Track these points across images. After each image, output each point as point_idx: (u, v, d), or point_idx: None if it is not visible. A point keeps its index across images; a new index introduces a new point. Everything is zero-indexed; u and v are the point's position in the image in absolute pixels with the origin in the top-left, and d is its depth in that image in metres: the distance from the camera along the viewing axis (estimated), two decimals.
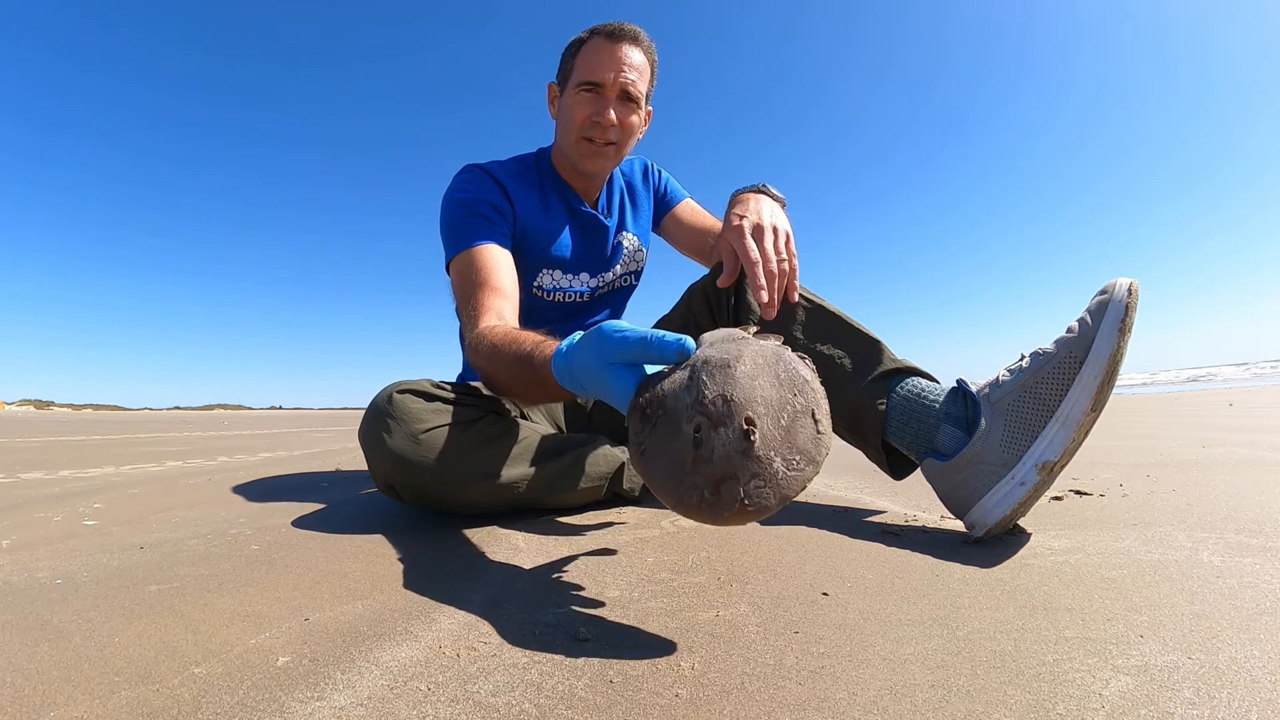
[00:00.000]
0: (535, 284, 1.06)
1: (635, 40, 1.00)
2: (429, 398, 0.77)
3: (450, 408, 0.78)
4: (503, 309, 0.85)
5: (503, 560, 0.63)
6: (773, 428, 0.41)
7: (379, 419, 0.75)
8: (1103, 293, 0.64)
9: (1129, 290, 0.62)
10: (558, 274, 1.08)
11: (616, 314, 1.23)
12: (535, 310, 1.07)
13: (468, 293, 0.88)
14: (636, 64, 0.99)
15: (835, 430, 0.81)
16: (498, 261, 0.93)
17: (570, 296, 1.11)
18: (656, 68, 1.05)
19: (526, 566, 0.61)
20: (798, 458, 0.41)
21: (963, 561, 0.58)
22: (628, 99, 1.00)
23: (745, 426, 0.40)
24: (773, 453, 0.40)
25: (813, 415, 0.43)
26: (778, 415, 0.42)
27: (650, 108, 1.08)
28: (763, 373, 0.43)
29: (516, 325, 0.83)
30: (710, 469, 0.40)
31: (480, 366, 0.77)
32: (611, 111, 0.98)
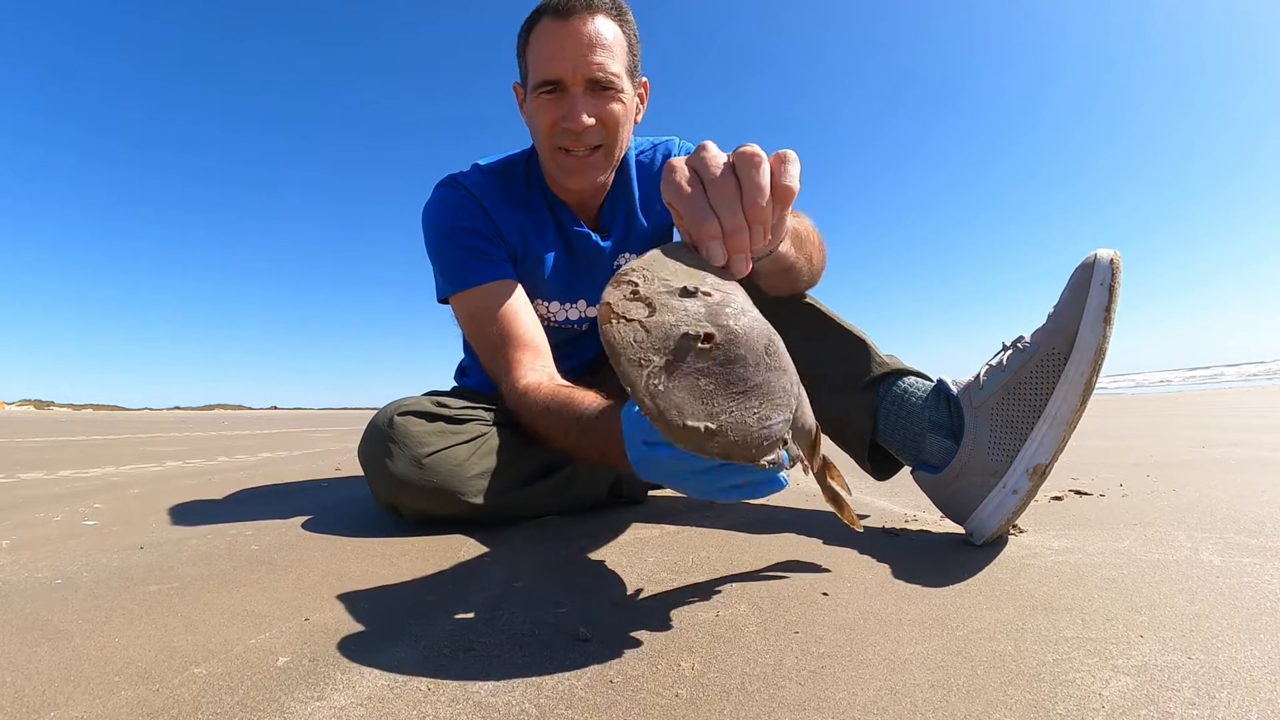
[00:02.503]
0: None
1: (591, 8, 0.79)
2: (430, 418, 0.76)
3: (452, 426, 0.76)
4: (534, 363, 0.78)
5: (503, 560, 0.63)
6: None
7: (380, 443, 0.74)
8: (1082, 271, 0.60)
9: (1111, 269, 0.58)
10: (554, 305, 0.96)
11: None
12: None
13: (493, 344, 0.81)
14: (603, 39, 0.79)
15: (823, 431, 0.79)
16: (513, 305, 0.83)
17: (569, 327, 0.98)
18: (634, 30, 0.84)
19: (526, 566, 0.61)
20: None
21: (963, 562, 0.58)
22: (600, 88, 0.80)
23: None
24: None
25: None
26: None
27: (644, 79, 0.89)
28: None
29: (556, 376, 0.77)
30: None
31: (526, 422, 0.74)
32: (583, 113, 0.80)
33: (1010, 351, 0.64)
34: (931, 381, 0.72)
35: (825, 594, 0.50)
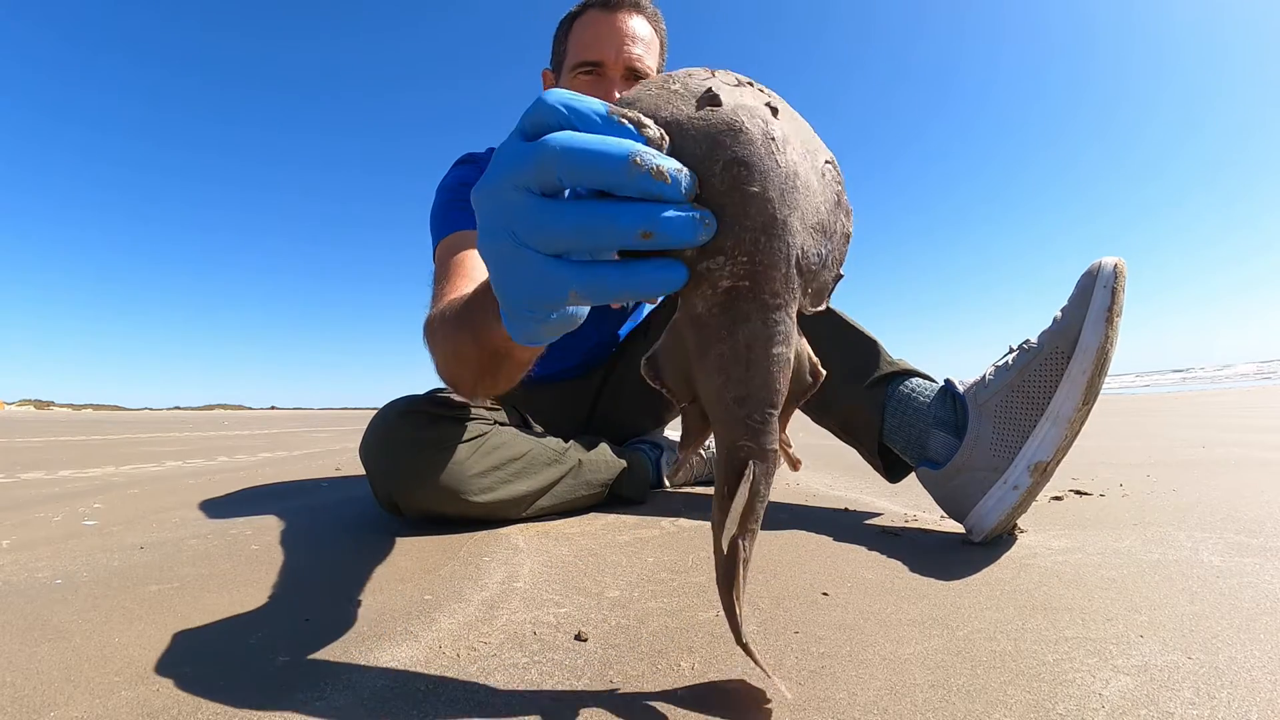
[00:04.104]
0: None
1: (637, 7, 0.87)
2: (432, 418, 0.76)
3: (454, 425, 0.76)
4: (465, 290, 0.69)
5: (503, 560, 0.63)
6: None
7: (382, 440, 0.74)
8: (1086, 277, 0.61)
9: (1115, 273, 0.59)
10: None
11: (634, 320, 1.12)
12: None
13: (440, 278, 0.75)
14: (641, 35, 0.87)
15: (831, 431, 0.81)
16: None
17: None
18: (665, 38, 0.92)
19: (526, 566, 0.61)
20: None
21: (963, 561, 0.58)
22: (635, 78, 0.87)
23: None
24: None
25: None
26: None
27: None
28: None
29: None
30: None
31: (433, 351, 0.60)
32: (617, 94, 0.83)
33: (1016, 352, 0.65)
34: (939, 384, 0.73)
35: (825, 594, 0.50)
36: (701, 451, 1.15)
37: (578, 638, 0.43)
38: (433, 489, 0.74)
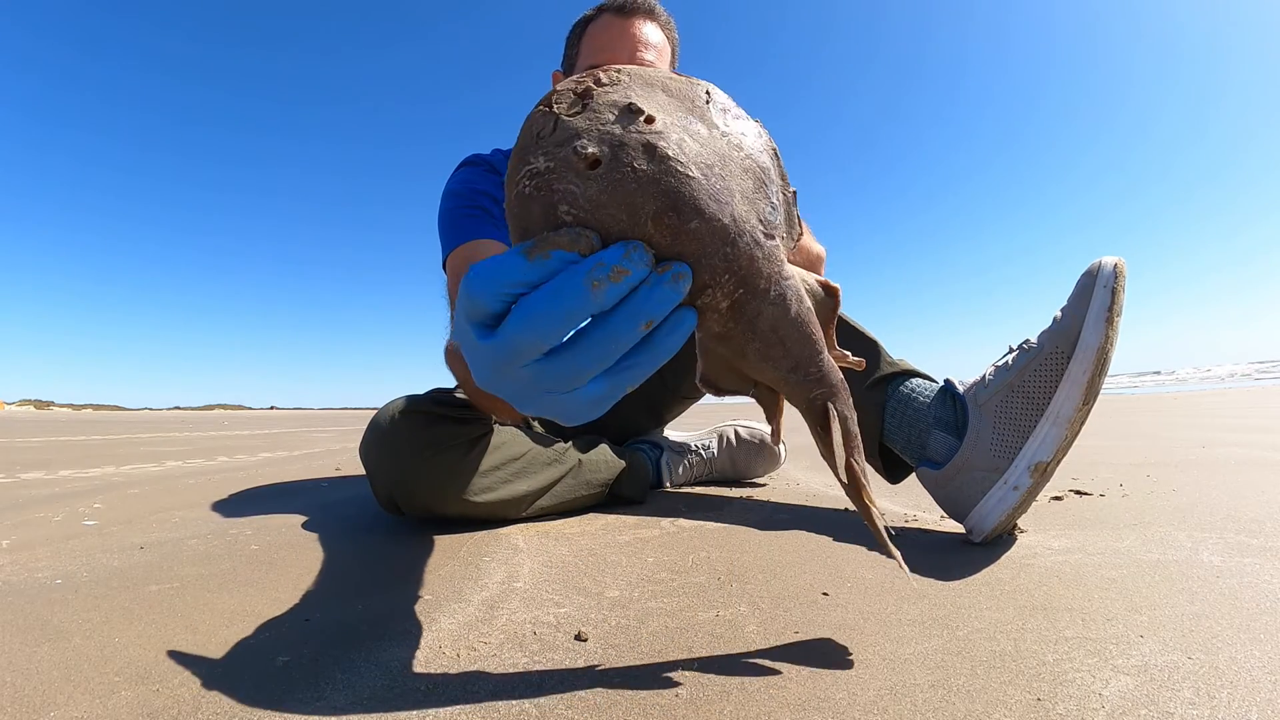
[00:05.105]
0: None
1: (651, 14, 0.89)
2: (432, 418, 0.76)
3: (454, 426, 0.76)
4: None
5: (503, 560, 0.63)
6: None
7: (382, 441, 0.74)
8: (1086, 276, 0.61)
9: (1114, 273, 0.59)
10: None
11: None
12: None
13: (455, 296, 0.81)
14: (654, 42, 0.88)
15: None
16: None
17: None
18: (678, 47, 0.93)
19: (526, 566, 0.61)
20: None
21: (963, 561, 0.58)
22: None
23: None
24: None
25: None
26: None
27: None
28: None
29: None
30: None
31: (457, 378, 0.68)
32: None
33: (1016, 352, 0.65)
34: (939, 384, 0.73)
35: (825, 594, 0.50)
36: (701, 451, 1.15)
37: (578, 638, 0.43)
38: (432, 489, 0.73)
